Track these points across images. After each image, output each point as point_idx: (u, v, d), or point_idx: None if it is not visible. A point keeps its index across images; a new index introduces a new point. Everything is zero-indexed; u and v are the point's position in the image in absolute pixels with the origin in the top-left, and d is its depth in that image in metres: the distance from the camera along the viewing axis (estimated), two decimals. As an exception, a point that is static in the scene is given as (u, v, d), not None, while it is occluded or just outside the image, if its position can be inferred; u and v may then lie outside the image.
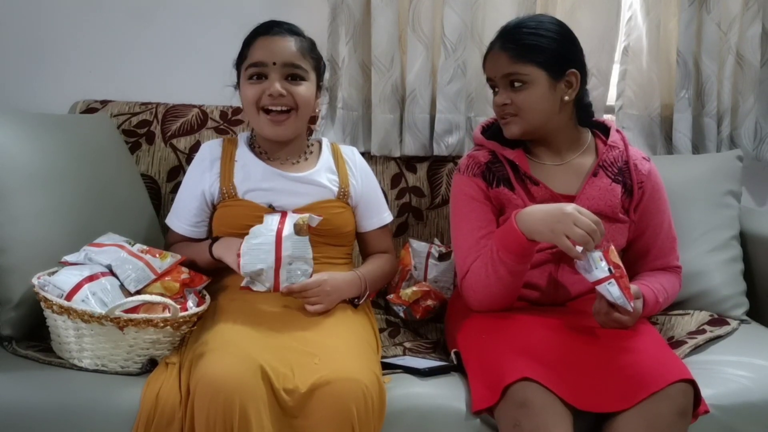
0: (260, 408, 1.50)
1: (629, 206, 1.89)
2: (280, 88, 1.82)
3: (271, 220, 1.75)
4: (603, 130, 1.97)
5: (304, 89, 1.85)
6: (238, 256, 1.72)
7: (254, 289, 1.73)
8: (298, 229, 1.73)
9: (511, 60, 1.82)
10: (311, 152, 1.97)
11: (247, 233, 1.76)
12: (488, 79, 1.91)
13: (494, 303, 1.80)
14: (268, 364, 1.54)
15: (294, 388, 1.53)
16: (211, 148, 1.94)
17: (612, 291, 1.67)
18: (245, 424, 1.48)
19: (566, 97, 1.85)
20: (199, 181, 1.90)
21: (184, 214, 1.92)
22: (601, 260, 1.68)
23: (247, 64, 1.85)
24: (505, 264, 1.75)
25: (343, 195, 1.92)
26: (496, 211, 1.87)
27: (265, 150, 1.93)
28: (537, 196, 1.85)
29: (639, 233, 1.92)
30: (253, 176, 1.88)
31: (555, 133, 1.88)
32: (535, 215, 1.71)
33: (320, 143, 2.00)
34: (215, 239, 1.85)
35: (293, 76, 1.84)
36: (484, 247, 1.81)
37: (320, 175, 1.92)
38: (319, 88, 1.93)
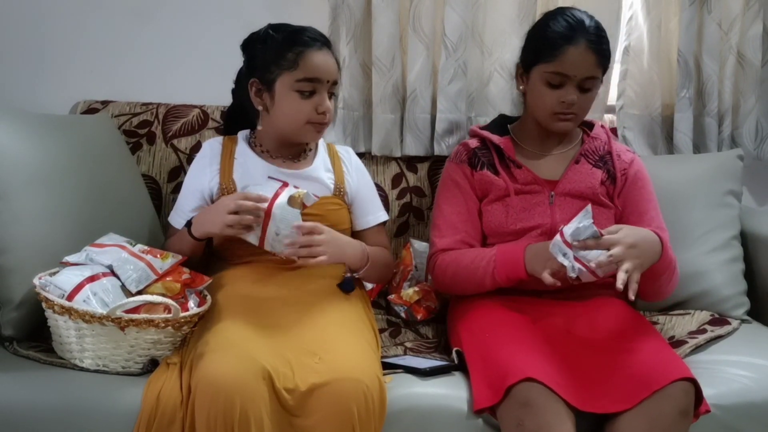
0: (260, 408, 1.50)
1: (614, 193, 1.95)
2: (329, 106, 1.86)
3: (271, 186, 1.76)
4: (590, 128, 2.04)
5: (333, 104, 1.90)
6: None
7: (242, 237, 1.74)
8: (292, 202, 1.74)
9: (598, 64, 1.88)
10: (310, 150, 1.98)
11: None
12: (558, 73, 1.87)
13: (457, 293, 1.95)
14: (269, 364, 1.54)
15: (294, 387, 1.54)
16: (211, 146, 1.96)
17: (569, 225, 1.68)
18: (245, 424, 1.48)
19: None
20: (200, 178, 1.92)
21: (185, 210, 1.92)
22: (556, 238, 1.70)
23: (301, 77, 1.82)
24: (494, 281, 1.83)
25: (339, 192, 1.93)
26: (479, 196, 1.96)
27: (268, 149, 1.94)
28: (520, 179, 1.94)
29: (624, 220, 1.94)
30: (252, 173, 1.89)
31: None
32: (538, 252, 1.77)
33: (317, 143, 2.01)
34: (190, 223, 1.85)
35: (331, 92, 1.88)
36: (461, 233, 1.93)
37: (318, 171, 1.94)
38: None
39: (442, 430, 1.63)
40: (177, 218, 1.94)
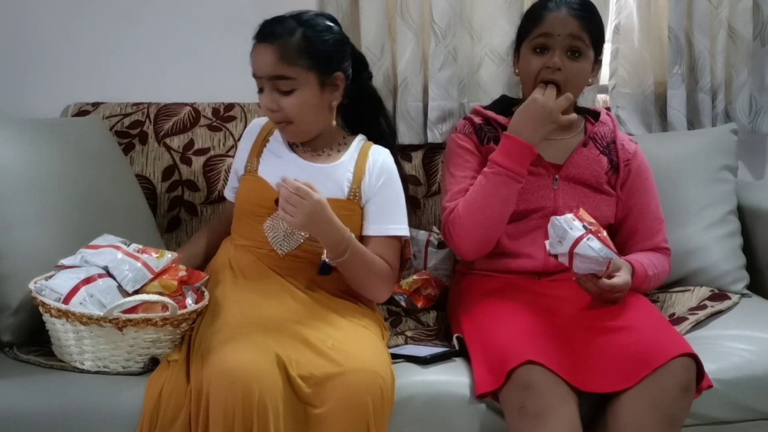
0: (276, 396, 1.49)
1: (616, 182, 1.94)
2: (269, 103, 1.77)
3: None
4: (593, 116, 2.02)
5: (294, 100, 1.75)
6: None
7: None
8: None
9: (582, 28, 1.85)
10: (338, 150, 1.88)
11: (257, 210, 1.80)
12: (541, 35, 1.86)
13: (480, 235, 1.85)
14: (283, 352, 1.53)
15: (309, 374, 1.53)
16: (253, 125, 1.96)
17: (593, 245, 1.65)
18: (263, 413, 1.47)
19: (590, 80, 1.92)
20: (239, 156, 1.94)
21: (231, 185, 1.97)
22: (574, 220, 1.68)
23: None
24: (503, 182, 1.80)
25: (354, 195, 1.83)
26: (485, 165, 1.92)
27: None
28: None
29: (627, 212, 1.94)
30: (276, 159, 1.87)
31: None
32: (521, 121, 1.79)
33: (354, 140, 1.91)
34: None
35: (280, 88, 1.76)
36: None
37: (338, 170, 1.84)
38: (326, 82, 1.79)
39: (445, 417, 1.64)
40: (228, 190, 2.00)
